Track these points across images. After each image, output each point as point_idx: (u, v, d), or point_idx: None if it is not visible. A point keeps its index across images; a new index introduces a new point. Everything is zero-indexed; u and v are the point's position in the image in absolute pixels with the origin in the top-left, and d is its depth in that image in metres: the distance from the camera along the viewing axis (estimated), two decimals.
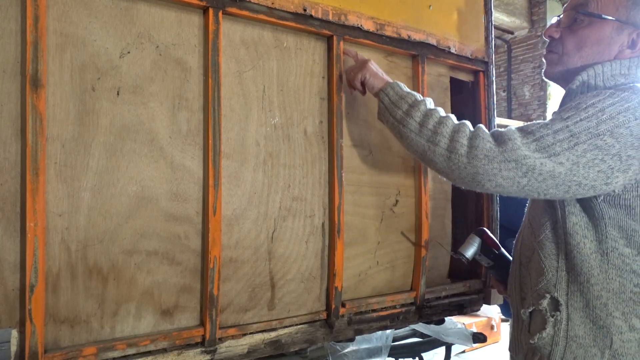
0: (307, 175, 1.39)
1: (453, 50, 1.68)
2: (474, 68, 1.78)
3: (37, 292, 0.98)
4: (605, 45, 1.17)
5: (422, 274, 1.60)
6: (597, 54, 1.18)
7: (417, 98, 1.24)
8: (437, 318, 1.70)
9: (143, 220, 1.13)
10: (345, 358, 1.76)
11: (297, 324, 1.36)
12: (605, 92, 1.09)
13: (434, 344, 2.14)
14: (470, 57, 1.75)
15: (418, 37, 1.59)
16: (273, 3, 1.29)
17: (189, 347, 1.18)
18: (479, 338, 2.03)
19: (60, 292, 1.05)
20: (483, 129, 1.12)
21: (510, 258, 1.37)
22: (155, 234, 1.15)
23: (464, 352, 4.75)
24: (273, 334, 1.32)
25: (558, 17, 1.27)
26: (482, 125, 1.14)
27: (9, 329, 0.98)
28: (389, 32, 1.52)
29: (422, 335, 2.20)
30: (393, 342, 1.95)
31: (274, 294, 1.34)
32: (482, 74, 1.80)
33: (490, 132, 1.11)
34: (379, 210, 1.55)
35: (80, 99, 1.07)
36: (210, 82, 1.20)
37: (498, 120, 3.44)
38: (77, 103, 1.06)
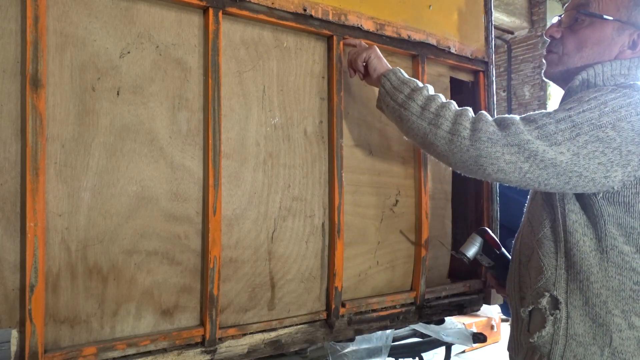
0: (307, 175, 1.39)
1: (453, 50, 1.68)
2: (474, 68, 1.78)
3: (37, 292, 0.98)
4: (606, 46, 1.17)
5: (422, 274, 1.60)
6: (597, 54, 1.18)
7: (418, 84, 1.24)
8: (437, 318, 1.70)
9: (143, 220, 1.13)
10: (345, 358, 1.76)
11: (297, 324, 1.36)
12: (607, 87, 1.10)
13: (434, 344, 2.14)
14: (470, 57, 1.75)
15: (418, 37, 1.59)
16: (273, 3, 1.29)
17: (189, 347, 1.18)
18: (479, 338, 2.03)
19: (60, 292, 1.05)
20: (486, 114, 1.11)
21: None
22: (155, 234, 1.15)
23: (464, 352, 4.75)
24: (273, 334, 1.32)
25: (559, 17, 1.27)
26: (484, 112, 1.13)
27: (9, 329, 0.98)
28: (389, 32, 1.52)
29: (422, 335, 2.20)
30: (393, 342, 1.95)
31: (274, 294, 1.34)
32: (482, 74, 1.80)
33: (493, 118, 1.11)
34: (379, 210, 1.55)
35: (80, 99, 1.07)
36: (210, 82, 1.20)
37: None
38: (77, 103, 1.06)
